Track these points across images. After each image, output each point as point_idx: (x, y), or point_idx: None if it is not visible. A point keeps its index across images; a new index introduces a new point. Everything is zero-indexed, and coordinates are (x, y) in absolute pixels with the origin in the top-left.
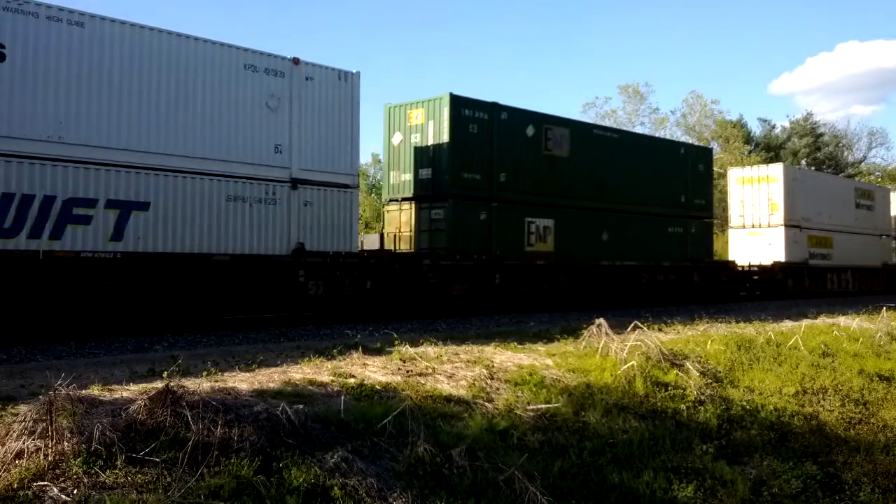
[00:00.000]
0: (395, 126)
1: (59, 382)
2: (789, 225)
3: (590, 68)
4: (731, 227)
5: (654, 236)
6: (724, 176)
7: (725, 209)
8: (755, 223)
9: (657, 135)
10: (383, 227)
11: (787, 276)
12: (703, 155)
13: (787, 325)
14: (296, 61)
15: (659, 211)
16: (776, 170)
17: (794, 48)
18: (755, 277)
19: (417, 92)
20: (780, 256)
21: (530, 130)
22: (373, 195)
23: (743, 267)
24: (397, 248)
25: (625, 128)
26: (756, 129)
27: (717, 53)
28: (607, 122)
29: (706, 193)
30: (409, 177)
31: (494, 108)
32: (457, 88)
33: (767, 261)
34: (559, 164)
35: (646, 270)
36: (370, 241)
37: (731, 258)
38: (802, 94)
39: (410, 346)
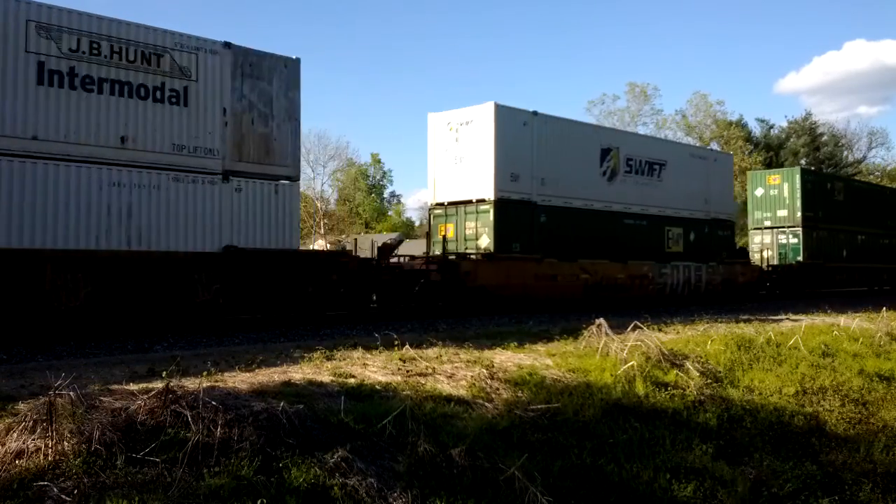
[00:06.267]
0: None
1: (59, 382)
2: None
3: (593, 67)
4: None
5: None
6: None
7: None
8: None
9: (659, 136)
10: None
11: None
12: None
13: (787, 325)
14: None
15: None
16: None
17: (801, 46)
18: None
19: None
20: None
21: None
22: None
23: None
24: None
25: (628, 128)
26: (756, 129)
27: (723, 52)
28: (611, 121)
29: None
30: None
31: None
32: (458, 86)
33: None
34: None
35: None
36: None
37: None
38: (808, 94)
39: (410, 346)
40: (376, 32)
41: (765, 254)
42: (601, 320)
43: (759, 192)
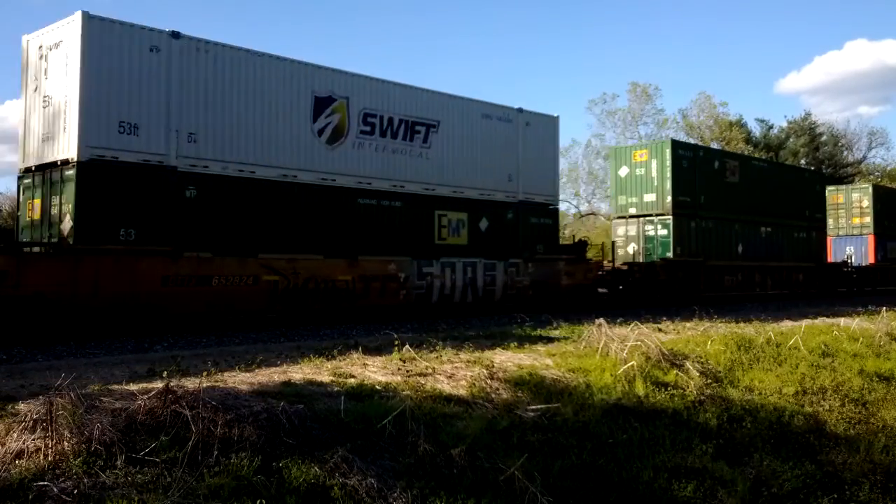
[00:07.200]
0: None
1: (59, 382)
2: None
3: (593, 67)
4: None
5: None
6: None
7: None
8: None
9: (658, 136)
10: None
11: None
12: None
13: (788, 324)
14: None
15: None
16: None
17: (802, 46)
18: None
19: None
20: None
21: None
22: None
23: None
24: None
25: (629, 128)
26: (755, 130)
27: (724, 52)
28: (612, 121)
29: None
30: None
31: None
32: (458, 83)
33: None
34: None
35: None
36: None
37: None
38: (808, 94)
39: (410, 346)
40: (366, 30)
41: (629, 249)
42: (601, 320)
43: (624, 171)
